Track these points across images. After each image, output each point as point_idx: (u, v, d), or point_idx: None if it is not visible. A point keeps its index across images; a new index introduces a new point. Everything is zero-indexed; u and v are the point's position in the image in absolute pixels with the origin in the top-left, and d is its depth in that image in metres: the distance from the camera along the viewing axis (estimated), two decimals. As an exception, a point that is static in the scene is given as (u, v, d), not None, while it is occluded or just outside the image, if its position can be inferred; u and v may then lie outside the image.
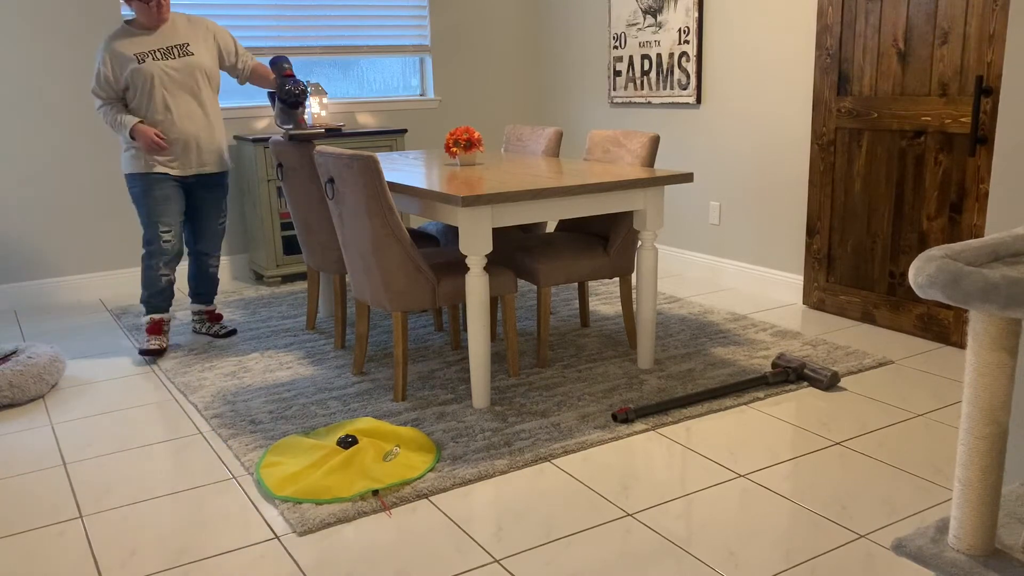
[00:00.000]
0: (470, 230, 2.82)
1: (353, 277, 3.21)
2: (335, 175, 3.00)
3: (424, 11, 5.52)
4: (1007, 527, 1.41)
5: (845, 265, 3.98)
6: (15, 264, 4.60)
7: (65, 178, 4.63)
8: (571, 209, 3.01)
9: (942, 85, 3.47)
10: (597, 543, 2.17)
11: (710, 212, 4.73)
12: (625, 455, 2.65)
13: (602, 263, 3.44)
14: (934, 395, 3.07)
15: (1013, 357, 1.26)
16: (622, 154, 3.63)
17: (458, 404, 3.07)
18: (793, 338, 3.70)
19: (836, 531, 2.20)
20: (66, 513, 2.39)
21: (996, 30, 3.24)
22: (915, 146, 3.60)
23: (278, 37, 5.09)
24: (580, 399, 3.08)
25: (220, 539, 2.23)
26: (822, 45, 3.91)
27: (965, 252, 1.28)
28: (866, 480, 2.46)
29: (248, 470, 2.61)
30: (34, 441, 2.88)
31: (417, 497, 2.41)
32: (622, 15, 5.05)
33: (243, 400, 3.16)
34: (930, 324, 3.65)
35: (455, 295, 3.08)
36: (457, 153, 3.54)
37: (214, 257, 3.91)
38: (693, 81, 4.64)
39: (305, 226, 3.68)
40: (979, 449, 1.31)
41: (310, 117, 5.05)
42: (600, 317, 4.12)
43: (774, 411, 2.96)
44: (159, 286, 3.72)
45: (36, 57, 4.46)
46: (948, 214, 3.52)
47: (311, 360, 3.59)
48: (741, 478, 2.49)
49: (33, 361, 3.26)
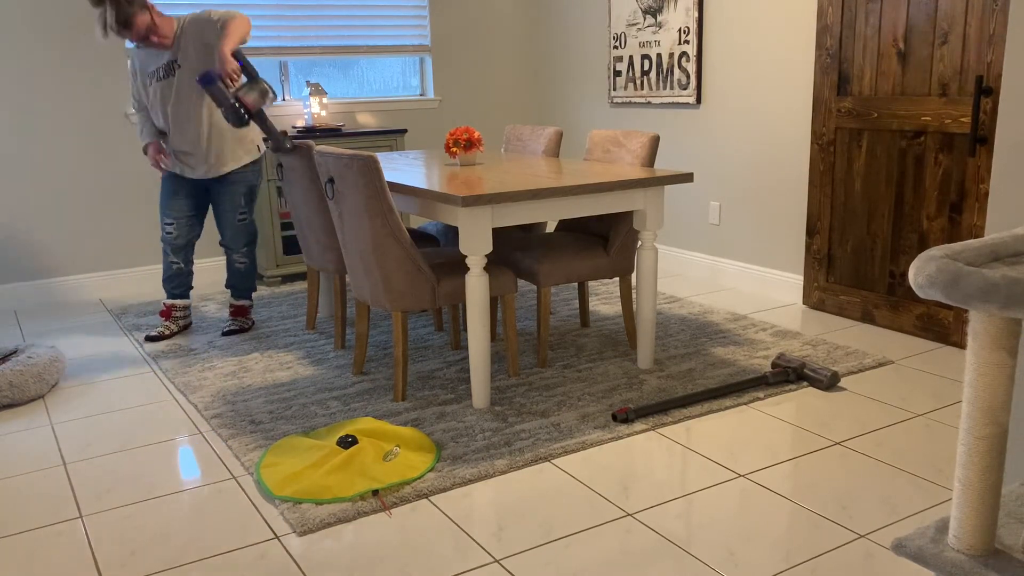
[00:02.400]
0: (470, 230, 2.82)
1: (353, 277, 3.21)
2: (335, 175, 3.00)
3: (424, 11, 5.52)
4: (1007, 527, 1.41)
5: (845, 265, 3.98)
6: (15, 264, 4.60)
7: (65, 178, 4.63)
8: (571, 209, 3.01)
9: (942, 85, 3.47)
10: (597, 543, 2.17)
11: (710, 212, 4.73)
12: (625, 455, 2.65)
13: (602, 263, 3.44)
14: (934, 395, 3.07)
15: (1013, 357, 1.26)
16: (622, 154, 3.63)
17: (458, 404, 3.07)
18: (793, 338, 3.70)
19: (836, 531, 2.20)
20: (66, 513, 2.39)
21: (996, 30, 3.24)
22: (915, 146, 3.60)
23: (278, 37, 5.09)
24: (580, 399, 3.08)
25: (220, 539, 2.23)
26: (822, 45, 3.91)
27: (965, 252, 1.27)
28: (866, 480, 2.46)
29: (248, 470, 2.61)
30: (34, 441, 2.88)
31: (417, 497, 2.41)
32: (622, 15, 5.05)
33: (243, 400, 3.16)
34: (930, 324, 3.65)
35: (455, 295, 3.08)
36: (457, 153, 3.54)
37: (239, 252, 4.01)
38: (693, 81, 4.64)
39: (305, 226, 3.68)
40: (979, 449, 1.31)
41: (310, 117, 5.05)
42: (600, 317, 4.12)
43: (774, 411, 2.96)
44: (170, 271, 3.97)
45: (36, 57, 4.46)
46: (948, 214, 3.52)
47: (311, 360, 3.59)
48: (741, 478, 2.49)
49: (33, 361, 3.26)
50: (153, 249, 4.91)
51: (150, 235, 4.90)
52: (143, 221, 4.87)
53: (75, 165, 4.64)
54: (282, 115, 5.18)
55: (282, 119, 5.19)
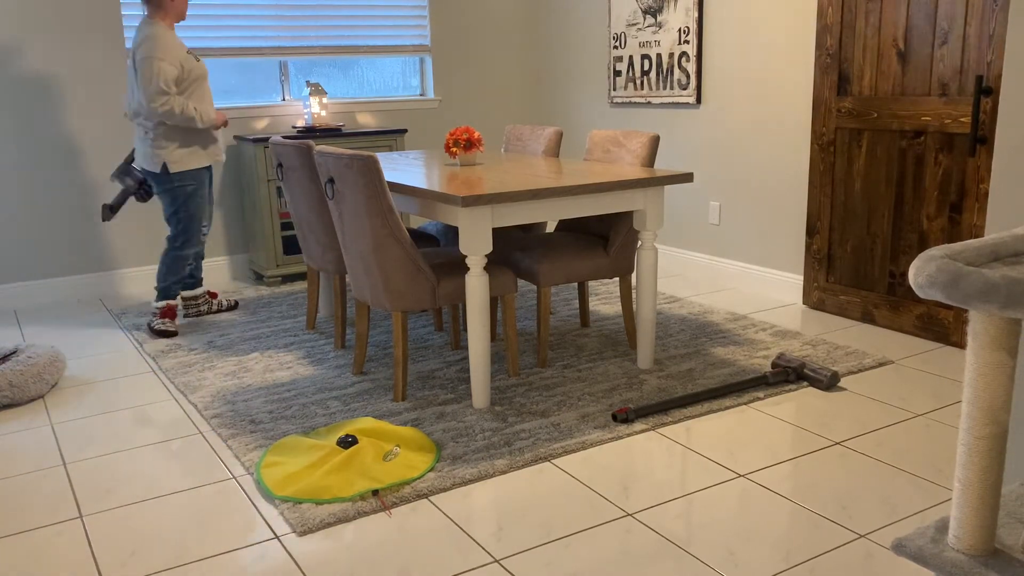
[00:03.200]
0: (470, 230, 2.82)
1: (353, 277, 3.21)
2: (335, 175, 3.00)
3: (424, 11, 5.52)
4: (1007, 527, 1.41)
5: (845, 265, 3.98)
6: (15, 264, 4.60)
7: (65, 178, 4.63)
8: (571, 209, 3.01)
9: (942, 85, 3.47)
10: (597, 543, 2.17)
11: (710, 212, 4.73)
12: (625, 455, 2.65)
13: (602, 263, 3.44)
14: (934, 395, 3.07)
15: (1013, 357, 1.26)
16: (622, 154, 3.63)
17: (458, 404, 3.07)
18: (793, 338, 3.70)
19: (836, 531, 2.20)
20: (66, 513, 2.39)
21: (996, 30, 3.24)
22: (915, 146, 3.60)
23: (278, 37, 5.09)
24: (580, 399, 3.08)
25: (220, 539, 2.23)
26: (822, 45, 3.91)
27: (965, 252, 1.27)
28: (866, 480, 2.46)
29: (248, 470, 2.61)
30: (34, 441, 2.88)
31: (417, 497, 2.41)
32: (622, 15, 5.05)
33: (243, 400, 3.16)
34: (930, 324, 3.65)
35: (455, 295, 3.08)
36: (457, 153, 3.54)
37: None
38: (693, 81, 4.64)
39: (305, 226, 3.68)
40: (979, 449, 1.31)
41: (310, 117, 5.05)
42: (600, 317, 4.12)
43: (774, 411, 2.96)
44: (183, 273, 4.09)
45: (35, 55, 4.46)
46: (948, 214, 3.52)
47: (311, 360, 3.59)
48: (741, 478, 2.49)
49: (33, 361, 3.26)
50: (153, 249, 4.91)
51: (150, 235, 4.90)
52: (143, 221, 4.87)
53: (76, 165, 4.64)
54: (282, 115, 5.18)
55: (282, 119, 5.19)
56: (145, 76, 3.66)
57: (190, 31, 4.82)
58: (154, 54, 3.65)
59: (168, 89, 3.68)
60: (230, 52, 4.97)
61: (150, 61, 3.64)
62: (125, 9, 4.64)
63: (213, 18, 4.89)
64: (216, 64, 5.00)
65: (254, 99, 5.17)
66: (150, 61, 3.64)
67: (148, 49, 3.66)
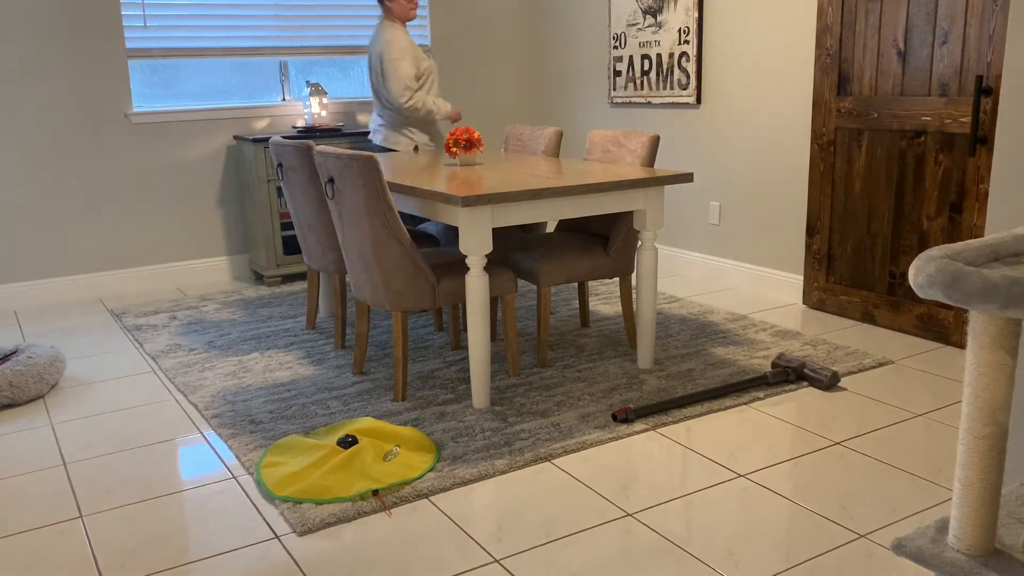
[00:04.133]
0: (470, 230, 2.82)
1: (353, 277, 3.21)
2: (335, 175, 3.00)
3: (424, 11, 5.52)
4: (1007, 527, 1.41)
5: (845, 265, 3.98)
6: (15, 264, 4.60)
7: (65, 178, 4.63)
8: (571, 209, 3.01)
9: (942, 85, 3.47)
10: (597, 543, 2.17)
11: (710, 212, 4.73)
12: (625, 455, 2.65)
13: (602, 263, 3.44)
14: (934, 395, 3.07)
15: (1013, 357, 1.26)
16: (622, 154, 3.63)
17: (458, 404, 3.07)
18: (793, 338, 3.70)
19: (836, 531, 2.20)
20: (66, 513, 2.39)
21: (996, 30, 3.24)
22: (915, 146, 3.60)
23: (278, 37, 5.09)
24: (580, 399, 3.08)
25: (220, 539, 2.23)
26: (822, 45, 3.91)
27: (965, 252, 1.28)
28: (866, 480, 2.46)
29: (248, 470, 2.61)
30: (34, 441, 2.88)
31: (417, 497, 2.42)
32: (622, 15, 5.05)
33: (243, 400, 3.16)
34: (930, 324, 3.65)
35: (455, 295, 3.08)
36: (457, 153, 3.54)
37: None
38: (693, 81, 4.64)
39: (305, 226, 3.68)
40: (979, 449, 1.31)
41: (310, 117, 5.05)
42: (600, 317, 4.12)
43: (774, 411, 2.96)
44: None
45: (35, 54, 4.46)
46: (948, 214, 3.52)
47: (311, 360, 3.59)
48: (741, 478, 2.49)
49: (33, 361, 3.26)
50: (153, 249, 4.91)
51: (150, 235, 4.90)
52: (143, 221, 4.87)
53: (76, 165, 4.64)
54: (282, 115, 5.18)
55: (282, 119, 5.19)
56: (389, 76, 4.12)
57: (190, 31, 4.83)
58: (392, 55, 4.12)
59: (411, 85, 4.14)
60: (230, 52, 4.97)
61: (391, 63, 4.12)
62: (125, 9, 4.64)
63: (213, 18, 4.89)
64: (216, 64, 5.00)
65: (254, 99, 5.17)
66: (391, 63, 4.12)
67: (388, 51, 4.13)
